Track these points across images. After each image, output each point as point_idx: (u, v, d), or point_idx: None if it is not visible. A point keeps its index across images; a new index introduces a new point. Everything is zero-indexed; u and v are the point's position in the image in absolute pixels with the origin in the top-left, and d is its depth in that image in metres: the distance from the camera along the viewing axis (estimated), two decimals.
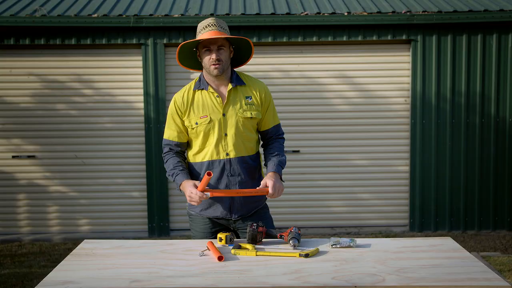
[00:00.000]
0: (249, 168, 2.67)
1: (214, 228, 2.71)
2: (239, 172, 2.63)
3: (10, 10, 6.20)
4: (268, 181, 2.51)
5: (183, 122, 2.66)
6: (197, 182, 2.50)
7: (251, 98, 2.66)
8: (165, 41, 6.13)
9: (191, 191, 2.46)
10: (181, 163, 2.67)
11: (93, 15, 6.02)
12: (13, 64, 6.24)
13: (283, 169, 2.69)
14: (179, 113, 2.65)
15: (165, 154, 2.72)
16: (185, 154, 2.78)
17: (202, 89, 2.65)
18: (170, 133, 2.69)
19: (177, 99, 2.67)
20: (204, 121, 2.61)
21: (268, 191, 2.47)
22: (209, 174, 2.37)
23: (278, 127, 2.79)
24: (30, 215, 6.37)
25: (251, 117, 2.64)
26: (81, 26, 5.99)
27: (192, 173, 2.69)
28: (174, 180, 2.62)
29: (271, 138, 2.79)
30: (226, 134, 2.62)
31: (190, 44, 2.62)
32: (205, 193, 2.45)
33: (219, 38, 2.54)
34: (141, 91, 6.23)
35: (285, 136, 2.88)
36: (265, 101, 2.70)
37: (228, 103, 2.63)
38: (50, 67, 6.26)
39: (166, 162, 2.70)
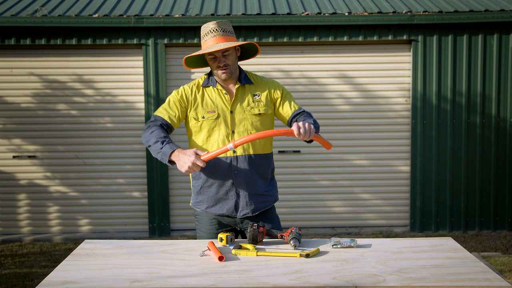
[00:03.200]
0: (258, 167, 2.64)
1: (220, 228, 2.69)
2: (246, 170, 2.61)
3: (11, 10, 6.21)
4: (293, 124, 2.35)
5: (184, 110, 2.61)
6: (199, 151, 2.38)
7: (259, 96, 2.65)
8: (165, 41, 6.13)
9: (188, 154, 2.32)
10: (169, 137, 2.52)
11: (94, 15, 6.03)
12: (14, 64, 6.25)
13: (317, 128, 2.48)
14: (184, 102, 2.61)
15: (152, 125, 2.54)
16: None
17: (211, 85, 2.65)
18: (165, 113, 2.59)
19: (186, 88, 2.64)
20: (211, 116, 2.59)
21: (292, 131, 2.31)
22: (230, 147, 2.31)
23: (300, 110, 2.66)
24: (31, 215, 6.38)
25: (260, 113, 2.63)
26: (82, 26, 6.00)
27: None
28: (161, 148, 2.41)
29: (298, 116, 2.64)
30: (233, 132, 2.61)
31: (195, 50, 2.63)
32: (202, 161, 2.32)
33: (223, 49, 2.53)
34: (142, 91, 6.24)
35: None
36: (275, 94, 2.67)
37: (236, 101, 2.63)
38: (51, 67, 6.26)
39: (151, 132, 2.50)
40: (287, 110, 2.67)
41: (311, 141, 2.50)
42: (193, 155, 2.33)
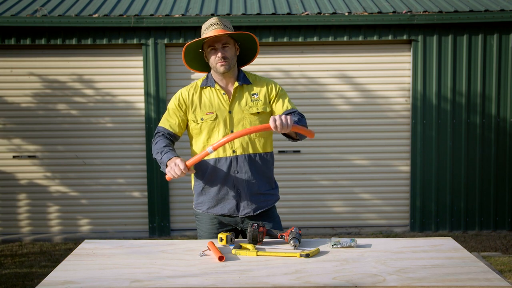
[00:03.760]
0: (258, 167, 2.64)
1: (221, 228, 2.69)
2: (246, 170, 2.61)
3: (11, 10, 6.21)
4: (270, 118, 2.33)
5: (184, 116, 2.65)
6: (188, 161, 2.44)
7: (257, 95, 2.66)
8: (165, 41, 6.14)
9: (175, 163, 2.38)
10: (172, 145, 2.60)
11: (94, 15, 6.03)
12: (14, 64, 6.25)
13: (301, 124, 2.45)
14: (183, 106, 2.65)
15: (156, 136, 2.64)
16: (187, 151, 2.76)
17: (209, 86, 2.65)
18: (166, 122, 2.66)
19: (183, 93, 2.67)
20: (210, 117, 2.60)
21: (268, 126, 2.28)
22: (210, 151, 2.35)
23: (294, 110, 2.64)
24: (31, 215, 6.38)
25: (258, 112, 2.63)
26: (81, 26, 6.00)
27: (198, 171, 2.68)
28: (161, 158, 2.49)
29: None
30: (232, 131, 2.61)
31: (195, 46, 2.62)
32: (190, 171, 2.41)
33: (223, 35, 2.55)
34: (142, 91, 6.24)
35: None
36: (271, 92, 2.67)
37: (234, 101, 2.63)
38: (51, 67, 6.26)
39: (156, 143, 2.60)
40: (278, 109, 2.67)
41: (297, 138, 2.54)
42: (182, 163, 2.38)
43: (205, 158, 2.61)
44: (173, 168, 2.38)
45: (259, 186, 2.65)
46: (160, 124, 2.68)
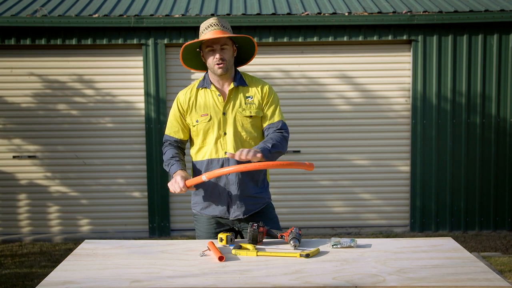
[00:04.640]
0: (249, 170, 2.65)
1: (218, 228, 2.71)
2: (237, 172, 2.61)
3: (11, 10, 6.21)
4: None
5: (184, 120, 2.69)
6: (189, 178, 2.54)
7: (252, 98, 2.66)
8: (165, 41, 6.13)
9: (176, 180, 2.50)
10: (179, 154, 2.70)
11: (94, 15, 6.03)
12: (14, 64, 6.25)
13: (270, 151, 2.49)
14: (181, 111, 2.68)
15: (165, 146, 2.77)
16: (188, 152, 2.81)
17: (205, 87, 2.67)
18: (170, 129, 2.74)
19: (180, 97, 2.70)
20: (204, 119, 2.62)
21: (260, 165, 2.32)
22: (204, 179, 2.43)
23: (279, 123, 2.67)
24: (31, 215, 6.38)
25: (251, 116, 2.64)
26: (82, 27, 6.00)
27: (195, 171, 2.72)
28: (169, 171, 2.64)
29: (269, 131, 2.66)
30: (225, 133, 2.62)
31: (193, 45, 2.63)
32: (190, 189, 2.53)
33: (222, 37, 2.55)
34: (142, 91, 6.24)
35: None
36: (265, 97, 2.67)
37: (228, 102, 2.64)
38: (51, 67, 6.26)
39: (164, 153, 2.73)
40: (265, 118, 2.68)
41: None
42: (182, 182, 2.49)
43: (199, 159, 2.67)
44: (174, 185, 2.51)
45: (249, 189, 2.66)
46: (166, 132, 2.77)
